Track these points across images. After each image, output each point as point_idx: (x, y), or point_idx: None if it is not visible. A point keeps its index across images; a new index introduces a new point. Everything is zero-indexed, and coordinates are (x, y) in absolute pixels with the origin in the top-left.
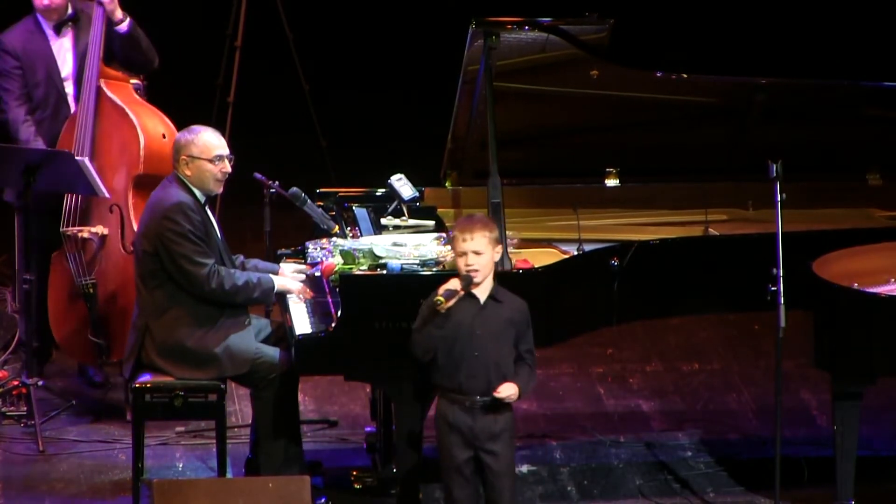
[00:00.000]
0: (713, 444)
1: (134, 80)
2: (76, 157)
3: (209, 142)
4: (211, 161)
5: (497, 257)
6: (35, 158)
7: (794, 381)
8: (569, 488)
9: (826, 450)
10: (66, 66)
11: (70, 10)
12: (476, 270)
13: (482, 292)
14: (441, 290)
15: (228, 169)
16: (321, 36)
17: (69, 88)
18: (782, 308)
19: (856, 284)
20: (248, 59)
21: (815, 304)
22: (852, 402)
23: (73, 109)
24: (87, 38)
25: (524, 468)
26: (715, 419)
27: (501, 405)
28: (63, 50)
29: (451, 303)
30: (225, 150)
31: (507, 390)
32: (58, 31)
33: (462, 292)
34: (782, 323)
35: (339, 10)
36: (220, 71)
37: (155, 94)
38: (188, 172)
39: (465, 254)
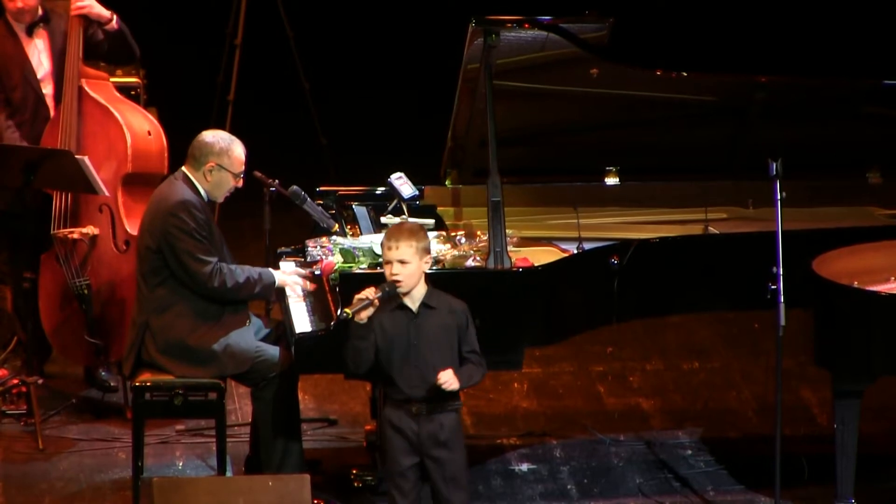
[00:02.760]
0: (713, 442)
1: (134, 79)
2: (76, 156)
3: (240, 157)
4: (235, 176)
5: (426, 267)
6: (35, 157)
7: (795, 379)
8: (569, 487)
9: (826, 448)
10: (41, 67)
11: (41, 11)
12: (400, 281)
13: (413, 301)
14: (355, 299)
15: (241, 185)
16: (321, 34)
17: (47, 89)
18: (782, 306)
19: (856, 283)
20: (248, 57)
21: (815, 302)
22: (852, 400)
23: (51, 110)
24: (60, 38)
25: (524, 466)
26: (715, 417)
27: (446, 411)
28: (37, 51)
29: (366, 313)
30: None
31: (446, 376)
32: (30, 32)
33: (377, 303)
34: (782, 321)
35: (340, 9)
36: (220, 69)
37: (155, 92)
38: (208, 178)
39: (390, 262)
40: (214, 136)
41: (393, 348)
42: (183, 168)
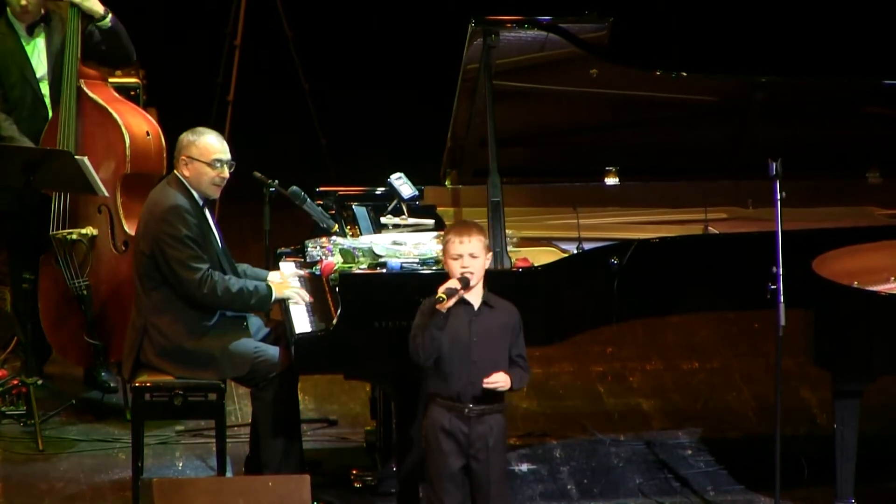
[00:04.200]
0: (713, 442)
1: (134, 80)
2: (76, 157)
3: (210, 145)
4: (209, 165)
5: (488, 264)
6: (35, 157)
7: (795, 379)
8: (569, 487)
9: (826, 448)
10: (40, 67)
11: (42, 11)
12: (472, 273)
13: (475, 298)
14: (441, 288)
15: (226, 175)
16: (321, 34)
17: (45, 89)
18: (782, 306)
19: (856, 283)
20: (247, 57)
21: (815, 302)
22: (852, 400)
23: (49, 110)
24: (60, 39)
25: (524, 467)
26: (715, 418)
27: (495, 413)
28: (37, 51)
29: (452, 302)
30: (225, 156)
31: (498, 378)
32: (30, 32)
33: (462, 292)
34: (782, 321)
35: (339, 9)
36: (219, 69)
37: (154, 93)
38: (187, 173)
39: (461, 256)
40: (186, 132)
41: (453, 345)
42: (174, 171)
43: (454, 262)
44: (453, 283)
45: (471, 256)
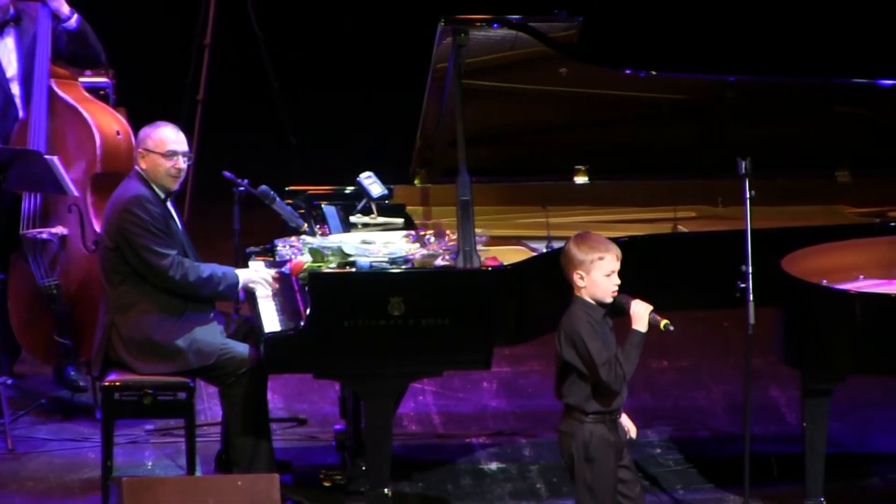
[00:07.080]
0: (682, 441)
1: (104, 79)
2: (45, 156)
3: (164, 136)
4: (163, 156)
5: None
6: (5, 157)
7: (764, 378)
8: (538, 485)
9: (795, 447)
10: (10, 67)
11: (11, 11)
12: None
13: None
14: (653, 313)
15: (181, 166)
16: (290, 34)
17: (15, 90)
18: (751, 305)
19: (825, 281)
20: (217, 56)
21: (784, 300)
22: (821, 399)
23: (20, 111)
24: (29, 39)
25: (493, 465)
26: (684, 416)
27: None
28: (7, 51)
29: None
30: (180, 147)
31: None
32: (0, 32)
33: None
34: (751, 320)
35: (309, 9)
36: (189, 69)
37: (124, 92)
38: (144, 166)
39: (613, 272)
40: (145, 126)
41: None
42: (135, 166)
43: (606, 280)
44: (645, 304)
45: (617, 272)
